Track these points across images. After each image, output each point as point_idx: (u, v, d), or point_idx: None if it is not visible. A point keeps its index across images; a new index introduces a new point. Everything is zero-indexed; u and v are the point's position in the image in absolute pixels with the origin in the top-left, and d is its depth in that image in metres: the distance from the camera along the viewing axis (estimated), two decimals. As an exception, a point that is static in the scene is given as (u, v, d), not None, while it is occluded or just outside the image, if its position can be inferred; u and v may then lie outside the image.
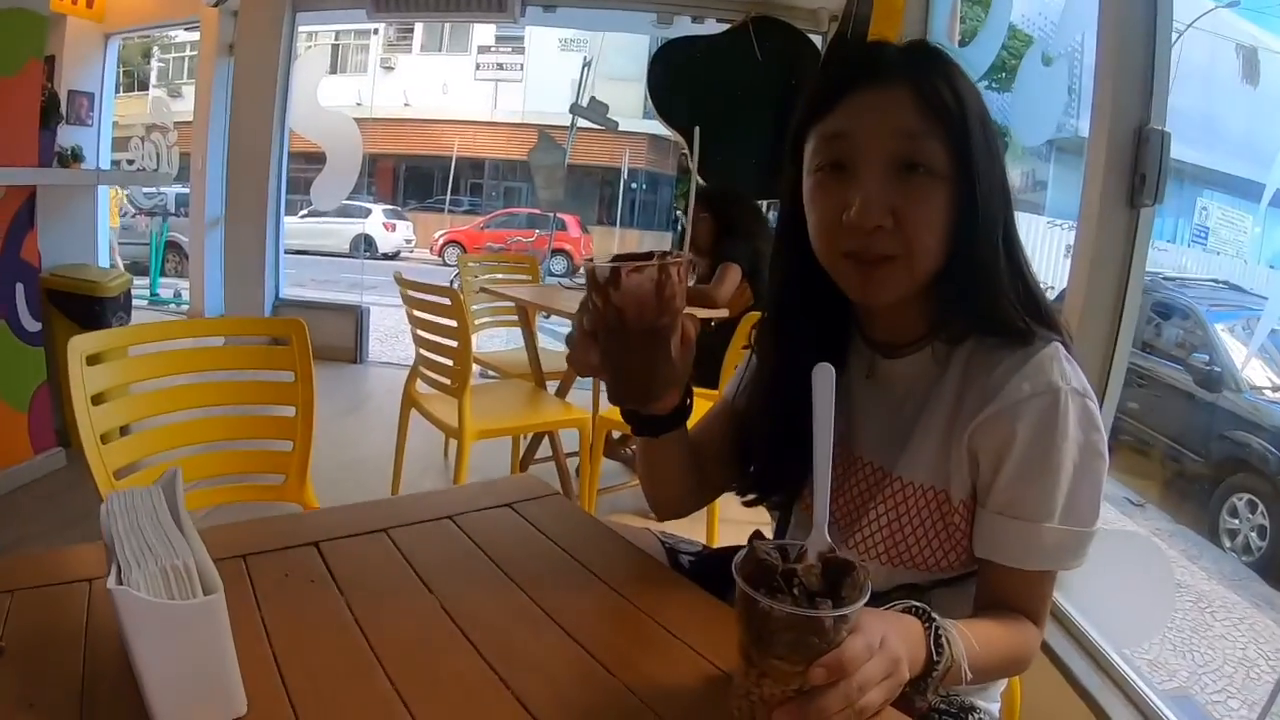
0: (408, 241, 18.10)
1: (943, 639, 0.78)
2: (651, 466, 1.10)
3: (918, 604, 0.81)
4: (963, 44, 3.54)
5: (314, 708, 0.66)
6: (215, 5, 6.95)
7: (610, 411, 3.04)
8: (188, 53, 17.13)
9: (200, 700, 0.62)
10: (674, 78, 5.29)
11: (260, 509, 1.93)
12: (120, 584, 0.57)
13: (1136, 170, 1.89)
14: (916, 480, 0.95)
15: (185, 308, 7.75)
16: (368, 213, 16.83)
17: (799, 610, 0.62)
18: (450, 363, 2.67)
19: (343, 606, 0.82)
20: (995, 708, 1.05)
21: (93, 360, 1.54)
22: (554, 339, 4.58)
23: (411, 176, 22.27)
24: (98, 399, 1.55)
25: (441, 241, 18.09)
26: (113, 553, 0.61)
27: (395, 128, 20.01)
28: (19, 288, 3.23)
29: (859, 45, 1.02)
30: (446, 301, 2.64)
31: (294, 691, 0.67)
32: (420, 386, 2.99)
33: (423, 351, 2.87)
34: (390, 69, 21.58)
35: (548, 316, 3.69)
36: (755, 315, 2.55)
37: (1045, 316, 0.93)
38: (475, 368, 2.76)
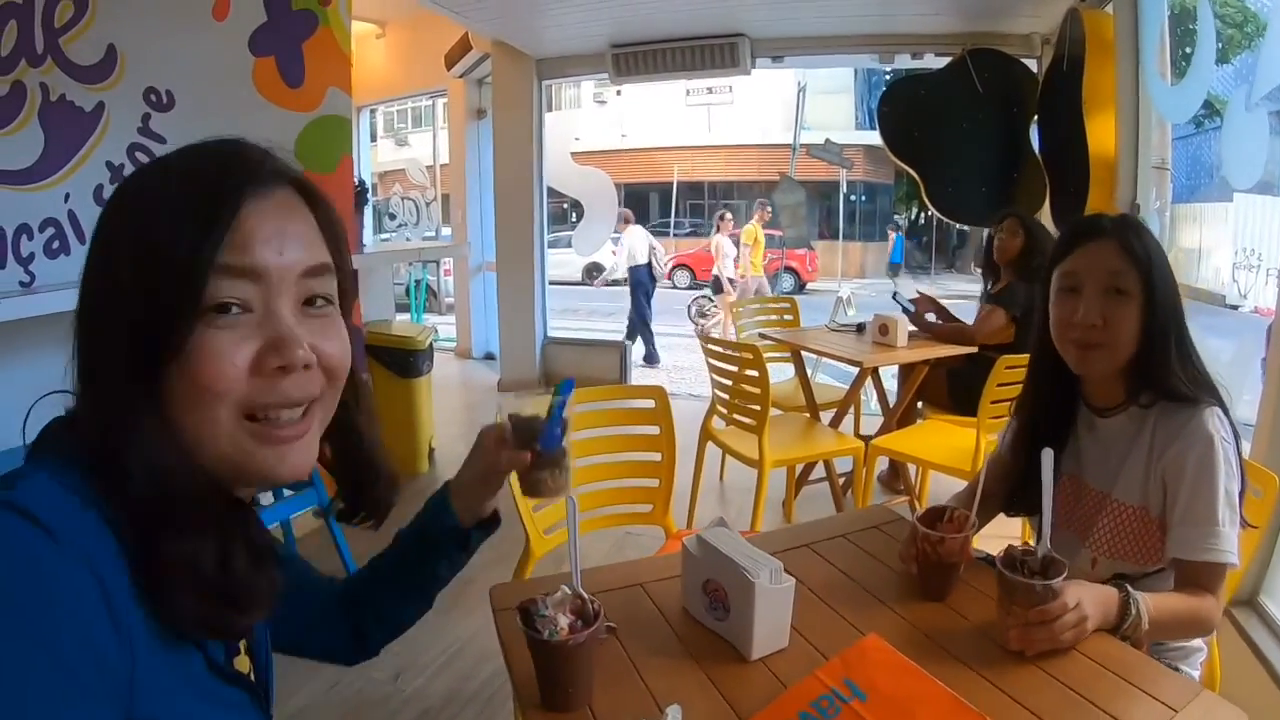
0: (637, 267, 18.90)
1: (1129, 605, 1.24)
2: None
3: (1122, 582, 1.30)
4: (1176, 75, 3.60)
5: (826, 645, 1.22)
6: (461, 77, 7.84)
7: (880, 439, 3.52)
8: (409, 104, 19.09)
9: (773, 640, 1.21)
10: (902, 117, 5.57)
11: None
12: (755, 580, 1.16)
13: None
14: (1127, 500, 1.46)
15: (452, 345, 8.76)
16: (598, 242, 17.72)
17: (1022, 579, 1.17)
18: (753, 406, 3.20)
19: (815, 600, 1.38)
20: (1196, 674, 1.50)
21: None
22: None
23: (631, 203, 23.16)
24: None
25: (671, 265, 18.89)
26: (724, 564, 1.20)
27: (613, 158, 20.82)
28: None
29: (1087, 219, 1.58)
30: (749, 356, 3.20)
31: (808, 634, 1.24)
32: (715, 422, 3.61)
33: (720, 394, 3.46)
34: (603, 103, 22.72)
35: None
36: (1011, 358, 2.96)
37: (1206, 385, 1.42)
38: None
